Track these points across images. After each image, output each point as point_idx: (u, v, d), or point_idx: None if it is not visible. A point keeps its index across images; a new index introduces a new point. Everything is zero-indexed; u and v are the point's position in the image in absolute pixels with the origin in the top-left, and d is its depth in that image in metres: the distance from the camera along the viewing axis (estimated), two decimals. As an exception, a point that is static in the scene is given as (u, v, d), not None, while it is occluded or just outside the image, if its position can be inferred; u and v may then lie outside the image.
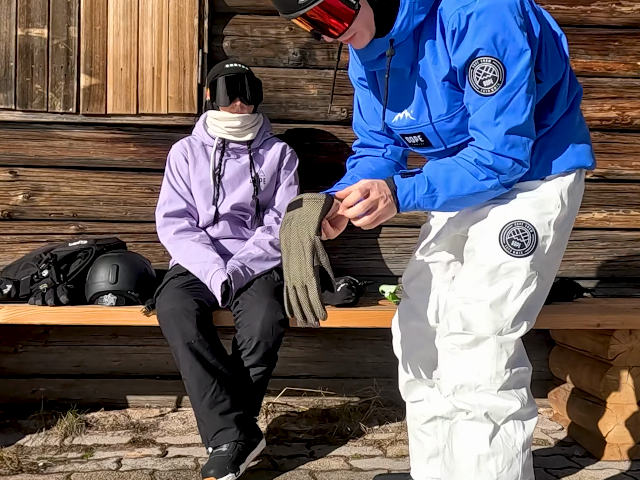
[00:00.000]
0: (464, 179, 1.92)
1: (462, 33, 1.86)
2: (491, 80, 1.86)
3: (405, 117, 2.07)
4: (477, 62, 1.86)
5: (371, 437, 3.07)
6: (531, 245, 1.97)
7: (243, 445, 2.57)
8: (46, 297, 2.78)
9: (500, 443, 1.98)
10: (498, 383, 1.98)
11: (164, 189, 3.01)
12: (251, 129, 2.98)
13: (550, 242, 2.00)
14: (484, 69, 1.86)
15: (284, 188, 3.05)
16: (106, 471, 2.69)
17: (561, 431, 3.20)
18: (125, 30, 3.22)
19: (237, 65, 2.95)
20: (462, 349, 2.00)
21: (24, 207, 3.29)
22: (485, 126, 1.90)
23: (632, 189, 3.51)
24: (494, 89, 1.87)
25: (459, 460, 2.01)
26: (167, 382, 3.34)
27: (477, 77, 1.87)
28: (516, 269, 1.96)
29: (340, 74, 3.31)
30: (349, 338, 3.42)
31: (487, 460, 1.98)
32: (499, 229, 1.98)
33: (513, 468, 1.98)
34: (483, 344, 1.98)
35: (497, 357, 1.97)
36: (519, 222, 1.98)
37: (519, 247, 1.96)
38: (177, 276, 2.83)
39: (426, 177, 1.92)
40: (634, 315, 2.94)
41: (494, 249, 1.98)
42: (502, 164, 1.91)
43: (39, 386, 3.32)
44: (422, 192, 1.91)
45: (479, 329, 1.98)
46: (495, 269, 1.97)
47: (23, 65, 3.20)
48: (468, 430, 2.00)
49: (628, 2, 3.41)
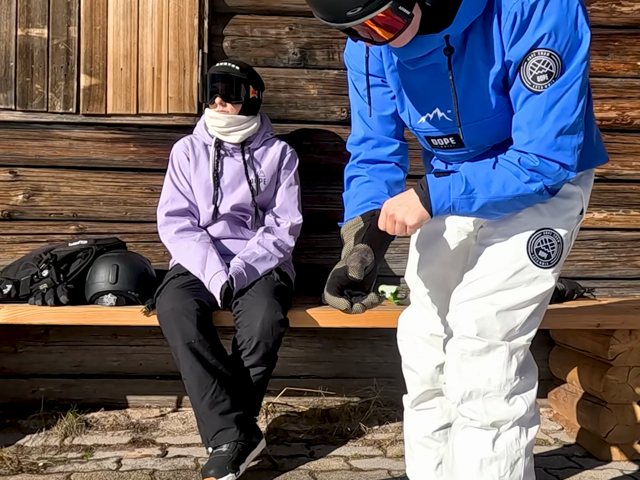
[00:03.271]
0: (507, 180, 1.79)
1: (524, 23, 1.73)
2: (546, 75, 1.74)
3: (438, 117, 1.92)
4: (534, 55, 1.74)
5: (371, 437, 3.07)
6: (556, 257, 1.92)
7: (243, 445, 2.57)
8: (46, 297, 2.78)
9: (504, 447, 1.96)
10: (507, 389, 1.95)
11: (165, 187, 3.01)
12: (239, 132, 2.93)
13: (568, 250, 1.97)
14: (540, 62, 1.74)
15: (284, 188, 3.04)
16: (106, 471, 2.69)
17: (561, 431, 3.20)
18: (125, 30, 3.22)
19: (225, 64, 2.93)
20: (473, 355, 1.94)
21: (24, 207, 3.29)
22: (531, 125, 1.77)
23: (632, 189, 3.51)
24: (547, 86, 1.75)
25: (462, 463, 2.00)
26: (167, 382, 3.34)
27: (531, 71, 1.75)
28: (539, 278, 1.91)
29: (339, 75, 3.35)
30: (349, 338, 3.42)
31: (489, 464, 1.96)
32: (527, 236, 1.91)
33: (515, 472, 1.97)
34: (495, 351, 1.93)
35: (508, 365, 1.94)
36: (547, 230, 1.91)
37: (545, 257, 1.90)
38: (177, 276, 2.83)
39: (463, 177, 1.78)
40: (634, 315, 2.94)
41: (519, 255, 1.90)
42: (548, 167, 1.78)
43: (39, 386, 3.32)
44: (459, 192, 1.77)
45: (493, 336, 1.92)
46: (517, 276, 1.90)
47: (23, 65, 3.20)
48: (472, 434, 1.98)
49: (628, 2, 3.41)
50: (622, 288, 3.54)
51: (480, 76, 1.83)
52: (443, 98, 1.89)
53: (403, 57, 1.87)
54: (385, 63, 1.98)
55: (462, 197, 1.78)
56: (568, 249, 1.98)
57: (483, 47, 1.81)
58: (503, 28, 1.77)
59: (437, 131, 1.96)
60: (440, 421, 2.28)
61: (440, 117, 1.92)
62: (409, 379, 2.31)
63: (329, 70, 3.36)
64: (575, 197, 1.97)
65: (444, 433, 2.27)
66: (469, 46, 1.82)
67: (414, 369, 2.27)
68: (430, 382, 2.25)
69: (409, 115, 1.99)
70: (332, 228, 3.39)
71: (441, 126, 1.94)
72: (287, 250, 2.98)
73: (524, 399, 1.97)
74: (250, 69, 2.99)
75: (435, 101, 1.92)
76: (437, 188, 1.78)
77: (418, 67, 1.87)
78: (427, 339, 2.23)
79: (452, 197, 1.78)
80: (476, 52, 1.82)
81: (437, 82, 1.88)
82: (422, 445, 2.32)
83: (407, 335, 2.29)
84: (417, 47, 1.80)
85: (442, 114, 1.92)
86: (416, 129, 2.01)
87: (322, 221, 3.39)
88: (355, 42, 1.85)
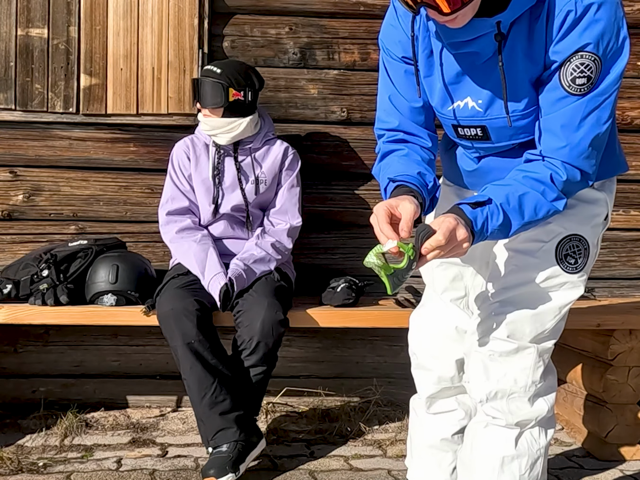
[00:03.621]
0: (538, 202, 1.77)
1: (575, 22, 1.69)
2: (585, 79, 1.72)
3: (468, 107, 1.88)
4: (578, 57, 1.71)
5: (371, 437, 3.07)
6: (583, 262, 1.94)
7: (243, 445, 2.57)
8: (46, 297, 2.78)
9: (526, 446, 1.98)
10: (531, 391, 1.96)
11: (166, 187, 3.01)
12: (227, 134, 2.92)
13: (596, 255, 1.99)
14: (582, 65, 1.71)
15: (286, 190, 3.04)
16: (106, 471, 2.69)
17: (561, 431, 3.20)
18: (125, 30, 3.22)
19: (207, 68, 2.93)
20: (501, 356, 1.94)
21: (24, 207, 3.29)
22: (566, 130, 1.75)
23: (632, 189, 3.51)
24: (584, 90, 1.73)
25: (482, 461, 2.00)
26: (167, 382, 3.34)
27: (572, 73, 1.72)
28: (568, 284, 1.93)
29: (339, 75, 3.35)
30: (349, 338, 3.42)
31: (511, 462, 1.97)
32: (556, 242, 1.92)
33: (534, 470, 1.99)
34: (523, 353, 1.94)
35: (535, 367, 1.95)
36: (575, 237, 1.92)
37: (572, 262, 1.92)
38: (177, 276, 2.83)
39: (499, 206, 1.74)
40: (634, 315, 2.94)
41: (550, 261, 1.91)
42: (572, 174, 1.78)
43: (39, 386, 3.32)
44: (497, 222, 1.74)
45: (522, 338, 1.93)
46: (548, 281, 1.91)
47: (23, 65, 3.20)
48: (495, 432, 1.99)
49: (628, 2, 3.41)
50: (622, 288, 3.54)
51: (519, 69, 1.80)
52: (476, 87, 1.86)
53: (449, 39, 1.80)
54: (421, 46, 1.92)
55: (501, 227, 1.76)
56: (595, 254, 2.00)
57: (526, 40, 1.77)
58: (551, 24, 1.73)
59: (464, 120, 1.92)
60: (462, 422, 2.25)
61: (470, 107, 1.88)
62: (422, 379, 2.27)
63: (329, 70, 3.36)
64: (601, 203, 1.99)
65: (463, 435, 2.23)
66: (511, 37, 1.78)
67: (430, 367, 2.23)
68: (450, 379, 2.22)
69: (438, 101, 1.95)
70: (332, 228, 3.40)
71: (470, 115, 1.90)
72: (285, 252, 2.98)
73: (545, 401, 1.99)
74: (235, 70, 2.92)
75: (467, 89, 1.88)
76: (478, 221, 1.73)
77: (460, 51, 1.82)
78: (449, 335, 2.19)
79: (490, 228, 1.74)
80: (518, 44, 1.78)
81: (475, 70, 1.85)
82: (438, 449, 2.28)
83: (424, 333, 2.24)
84: (467, 30, 1.74)
85: (473, 104, 1.88)
86: (444, 116, 1.97)
87: (322, 221, 3.39)
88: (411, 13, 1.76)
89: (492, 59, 1.80)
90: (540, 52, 1.77)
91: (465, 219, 1.70)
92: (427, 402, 2.27)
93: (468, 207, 1.73)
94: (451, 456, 2.27)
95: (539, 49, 1.77)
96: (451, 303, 2.21)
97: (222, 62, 3.03)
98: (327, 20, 3.34)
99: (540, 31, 1.75)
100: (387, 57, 1.99)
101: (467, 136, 1.96)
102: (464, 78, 1.87)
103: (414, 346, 2.27)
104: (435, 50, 1.90)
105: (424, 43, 1.92)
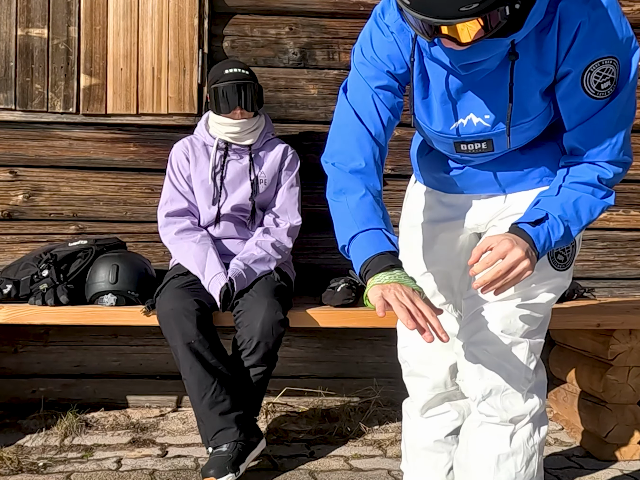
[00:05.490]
0: (592, 204, 1.82)
1: (589, 32, 1.71)
2: (609, 82, 1.74)
3: (473, 123, 1.87)
4: (597, 64, 1.73)
5: (371, 437, 3.07)
6: (570, 260, 1.97)
7: (243, 445, 2.57)
8: (46, 297, 2.78)
9: (520, 443, 1.99)
10: (525, 386, 1.97)
11: (165, 188, 3.01)
12: (251, 134, 2.97)
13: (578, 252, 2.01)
14: (604, 70, 1.73)
15: (285, 190, 3.04)
16: (106, 471, 2.69)
17: (561, 431, 3.20)
18: (125, 30, 3.22)
19: (237, 71, 2.90)
20: (494, 352, 1.95)
21: (24, 207, 3.30)
22: (604, 133, 1.79)
23: (632, 189, 3.51)
24: (610, 91, 1.75)
25: (478, 460, 2.01)
26: (167, 382, 3.34)
27: (595, 81, 1.74)
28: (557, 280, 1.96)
29: (339, 75, 3.35)
30: (349, 338, 3.42)
31: (506, 460, 1.98)
32: None
33: (530, 467, 2.00)
34: (517, 348, 1.95)
35: (527, 362, 1.96)
36: None
37: (562, 260, 1.95)
38: (177, 276, 2.83)
39: (557, 218, 1.77)
40: (634, 315, 2.94)
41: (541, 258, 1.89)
42: (616, 170, 1.83)
43: (39, 386, 3.32)
44: (559, 234, 1.77)
45: (515, 333, 1.95)
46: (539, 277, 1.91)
47: (23, 65, 3.20)
48: (489, 430, 2.00)
49: (628, 2, 3.41)
50: (622, 288, 3.54)
51: (528, 82, 1.79)
52: (480, 103, 1.85)
53: (459, 62, 1.75)
54: (415, 70, 1.87)
55: (562, 237, 1.79)
56: (579, 248, 2.03)
57: (535, 52, 1.76)
58: (563, 34, 1.73)
59: (469, 137, 1.90)
60: (455, 423, 2.25)
61: (476, 123, 1.87)
62: (416, 386, 2.26)
63: (329, 70, 3.36)
64: None
65: (457, 436, 2.24)
66: (520, 52, 1.76)
67: (423, 374, 2.23)
68: (443, 385, 2.22)
69: (439, 121, 1.91)
70: (332, 228, 3.38)
71: (477, 131, 1.89)
72: (285, 251, 2.98)
73: (538, 396, 2.00)
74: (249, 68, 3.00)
75: (469, 106, 1.86)
76: (540, 238, 1.75)
77: (470, 72, 1.78)
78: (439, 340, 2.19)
79: (552, 241, 1.78)
80: (527, 57, 1.77)
81: (476, 86, 1.83)
82: (432, 451, 2.28)
83: (414, 339, 2.19)
84: (480, 52, 1.70)
85: (478, 119, 1.87)
86: (444, 135, 1.94)
87: (322, 221, 3.38)
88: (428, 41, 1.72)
89: (495, 72, 1.79)
90: (551, 63, 1.77)
91: (526, 237, 1.74)
92: (422, 409, 2.27)
93: (528, 225, 1.76)
94: (446, 457, 2.27)
95: (550, 60, 1.77)
96: (442, 307, 2.19)
97: (237, 63, 3.00)
98: (327, 20, 3.34)
99: (551, 42, 1.75)
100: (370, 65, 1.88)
101: (469, 151, 1.94)
102: (464, 95, 1.86)
103: (404, 354, 2.27)
104: (430, 71, 1.87)
105: (419, 65, 1.88)
